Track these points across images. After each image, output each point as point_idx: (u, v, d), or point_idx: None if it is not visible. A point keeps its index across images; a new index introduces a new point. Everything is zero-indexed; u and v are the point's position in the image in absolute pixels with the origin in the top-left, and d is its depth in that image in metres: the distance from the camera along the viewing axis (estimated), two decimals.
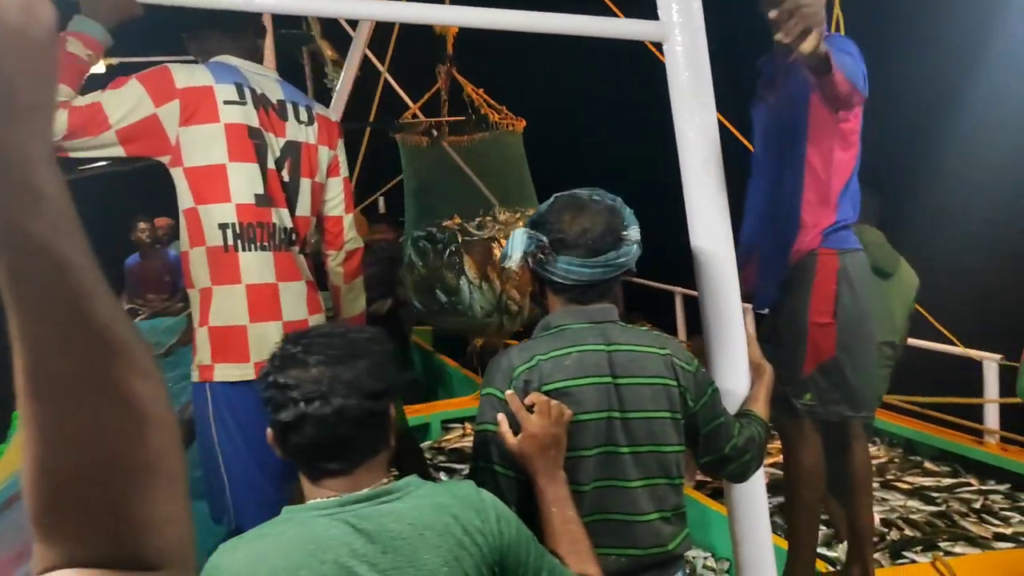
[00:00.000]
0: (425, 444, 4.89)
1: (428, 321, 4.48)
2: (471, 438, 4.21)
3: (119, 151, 2.01)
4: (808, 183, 2.47)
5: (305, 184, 2.26)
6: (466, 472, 1.73)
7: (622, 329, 1.72)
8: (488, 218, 4.40)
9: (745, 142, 3.23)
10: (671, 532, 1.69)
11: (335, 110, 5.15)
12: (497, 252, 4.23)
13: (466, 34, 4.36)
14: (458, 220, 4.38)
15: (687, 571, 1.78)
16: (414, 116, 4.90)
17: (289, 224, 2.20)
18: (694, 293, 5.60)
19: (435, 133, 4.57)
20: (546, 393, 1.61)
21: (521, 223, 4.27)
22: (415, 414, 5.11)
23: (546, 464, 1.57)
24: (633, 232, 1.70)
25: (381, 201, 10.17)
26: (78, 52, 1.93)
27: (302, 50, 6.14)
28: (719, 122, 2.06)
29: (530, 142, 4.69)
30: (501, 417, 1.60)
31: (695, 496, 3.53)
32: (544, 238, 1.68)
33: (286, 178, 2.21)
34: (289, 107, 2.25)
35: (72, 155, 1.98)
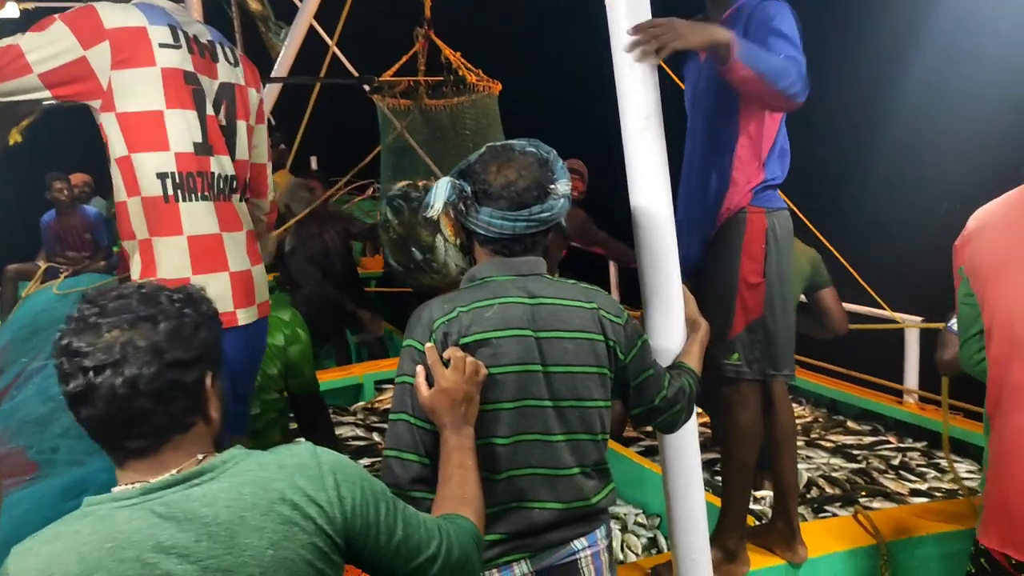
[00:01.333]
0: (358, 405, 4.84)
1: (403, 280, 4.42)
2: None
3: (45, 94, 1.89)
4: (741, 141, 2.44)
5: (241, 127, 2.19)
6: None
7: (548, 282, 1.69)
8: None
9: None
10: (593, 487, 1.69)
11: (282, 68, 5.01)
12: None
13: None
14: (435, 180, 4.32)
15: (611, 526, 1.78)
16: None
17: (230, 171, 2.12)
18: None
19: (419, 92, 4.51)
20: (465, 345, 1.59)
21: None
22: (348, 375, 5.05)
23: (454, 419, 1.54)
24: (562, 186, 1.67)
25: (313, 159, 10.00)
26: None
27: (230, 2, 5.93)
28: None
29: (504, 107, 4.66)
30: (419, 369, 1.57)
31: (628, 454, 3.57)
32: (468, 188, 1.65)
33: (223, 122, 2.12)
34: (219, 48, 2.16)
35: None
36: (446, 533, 1.37)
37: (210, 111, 2.07)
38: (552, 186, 1.65)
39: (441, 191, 1.64)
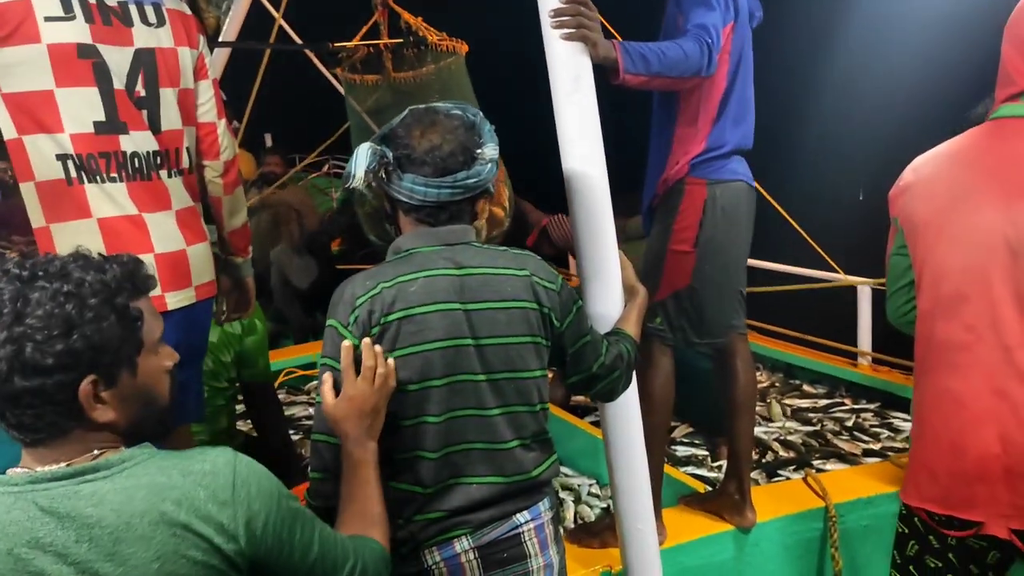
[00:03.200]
0: (312, 384, 4.77)
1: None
2: None
3: None
4: (680, 112, 2.43)
5: (168, 94, 2.01)
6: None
7: (476, 251, 1.63)
8: None
9: None
10: (534, 459, 1.65)
11: (229, 34, 4.86)
12: None
13: None
14: None
15: (556, 498, 1.75)
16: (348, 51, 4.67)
17: (151, 147, 1.96)
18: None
19: (385, 66, 4.40)
20: (388, 322, 1.52)
21: None
22: (302, 354, 4.97)
23: (358, 432, 1.48)
24: (489, 150, 1.61)
25: (268, 136, 9.82)
26: None
27: None
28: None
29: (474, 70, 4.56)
30: (326, 377, 1.52)
31: (582, 425, 3.54)
32: (389, 153, 1.57)
33: (143, 92, 1.96)
34: (133, 9, 1.96)
35: None
36: (360, 555, 1.33)
37: (119, 84, 1.91)
38: (479, 151, 1.60)
39: (361, 158, 1.56)
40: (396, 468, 1.58)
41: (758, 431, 3.67)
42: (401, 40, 4.60)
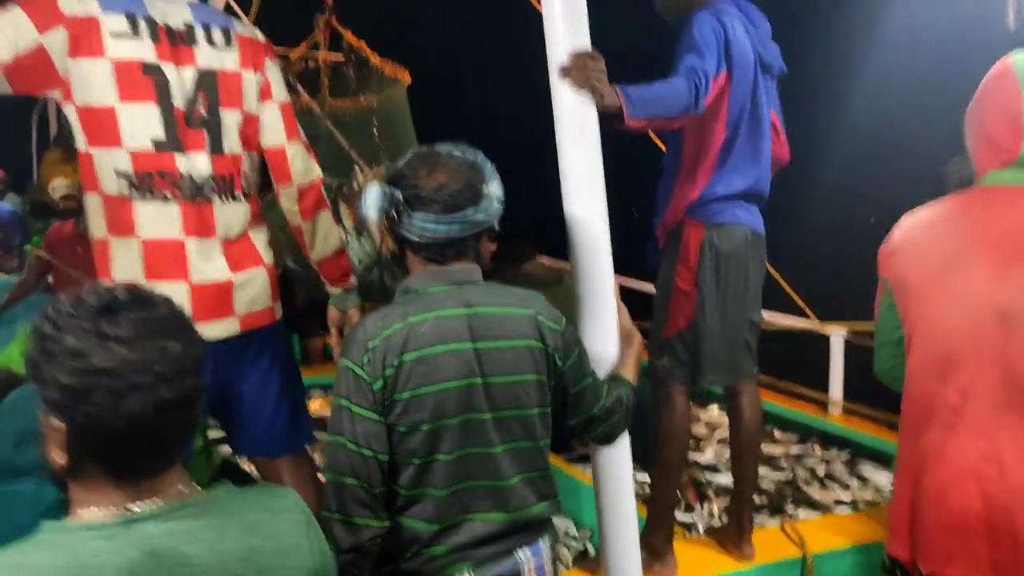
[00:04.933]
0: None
1: (303, 283, 4.24)
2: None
3: (6, 88, 1.78)
4: (682, 159, 2.56)
5: (229, 116, 2.02)
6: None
7: (484, 289, 1.66)
8: (373, 170, 4.27)
9: None
10: (536, 496, 1.67)
11: None
12: None
13: None
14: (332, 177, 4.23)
15: (555, 536, 1.76)
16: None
17: (206, 170, 1.96)
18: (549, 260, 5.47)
19: (322, 86, 4.37)
20: (403, 363, 1.54)
21: None
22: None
23: None
24: (493, 188, 1.65)
25: None
26: None
27: None
28: None
29: (415, 100, 4.56)
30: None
31: (558, 464, 3.54)
32: (398, 193, 1.60)
33: (204, 113, 1.96)
34: (199, 31, 1.98)
35: None
36: None
37: (179, 104, 1.92)
38: (484, 188, 1.63)
39: (372, 199, 1.59)
40: (403, 504, 1.59)
41: (729, 478, 3.70)
42: (342, 57, 4.57)
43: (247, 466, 3.29)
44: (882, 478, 3.76)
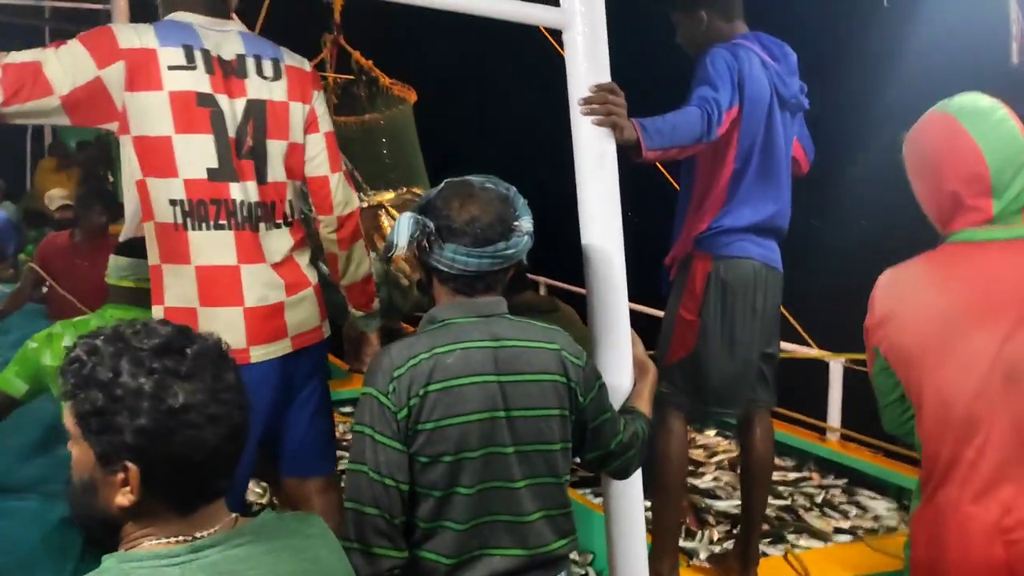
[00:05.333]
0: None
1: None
2: (344, 425, 4.07)
3: (64, 119, 1.84)
4: (693, 192, 2.61)
5: (275, 146, 2.05)
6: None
7: (510, 323, 1.67)
8: (379, 189, 4.29)
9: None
10: (555, 533, 1.66)
11: None
12: (384, 220, 4.09)
13: (355, 4, 4.21)
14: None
15: (571, 571, 1.75)
16: None
17: (255, 198, 2.00)
18: (555, 284, 5.57)
19: (328, 102, 4.40)
20: (428, 393, 1.54)
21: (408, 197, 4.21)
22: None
23: None
24: (525, 223, 1.65)
25: None
26: None
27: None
28: None
29: (422, 120, 4.57)
30: None
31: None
32: (431, 224, 1.60)
33: (251, 143, 2.00)
34: (250, 62, 2.03)
35: (10, 121, 1.78)
36: None
37: (232, 133, 1.96)
38: (516, 223, 1.64)
39: (404, 227, 1.59)
40: (421, 536, 1.58)
41: (728, 503, 3.71)
42: (352, 76, 4.61)
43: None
44: (880, 506, 3.77)
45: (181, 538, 1.14)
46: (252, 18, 4.76)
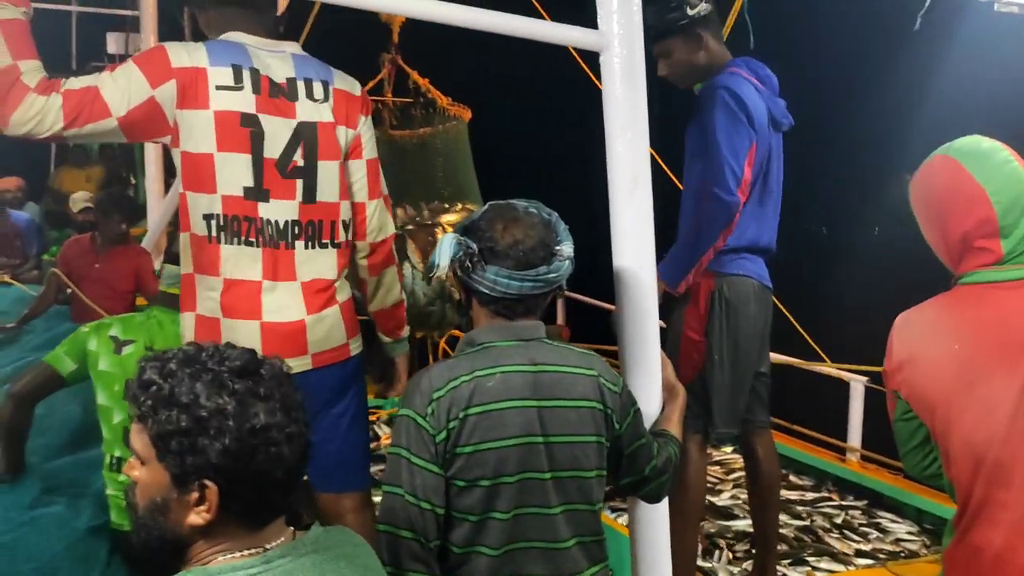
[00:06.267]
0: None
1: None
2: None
3: (120, 138, 1.96)
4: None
5: (327, 167, 2.09)
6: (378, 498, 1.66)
7: (550, 348, 1.66)
8: (433, 205, 4.38)
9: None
10: (588, 560, 1.66)
11: None
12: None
13: (412, 24, 4.27)
14: (402, 210, 4.34)
15: None
16: None
17: (290, 216, 2.03)
18: (576, 296, 5.60)
19: (383, 120, 4.48)
20: (468, 416, 1.54)
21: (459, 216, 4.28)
22: None
23: None
24: (566, 248, 1.65)
25: None
26: (12, 16, 1.80)
27: (183, 11, 5.78)
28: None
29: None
30: None
31: None
32: (474, 245, 1.60)
33: (300, 163, 2.04)
34: (300, 85, 2.06)
35: (71, 143, 1.90)
36: None
37: (271, 154, 2.00)
38: (558, 248, 1.64)
39: (446, 248, 1.60)
40: (455, 562, 1.58)
41: (746, 523, 3.68)
42: (411, 99, 4.68)
43: None
44: (900, 529, 3.74)
45: (254, 550, 1.17)
46: (299, 35, 4.83)
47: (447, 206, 4.48)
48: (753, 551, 3.46)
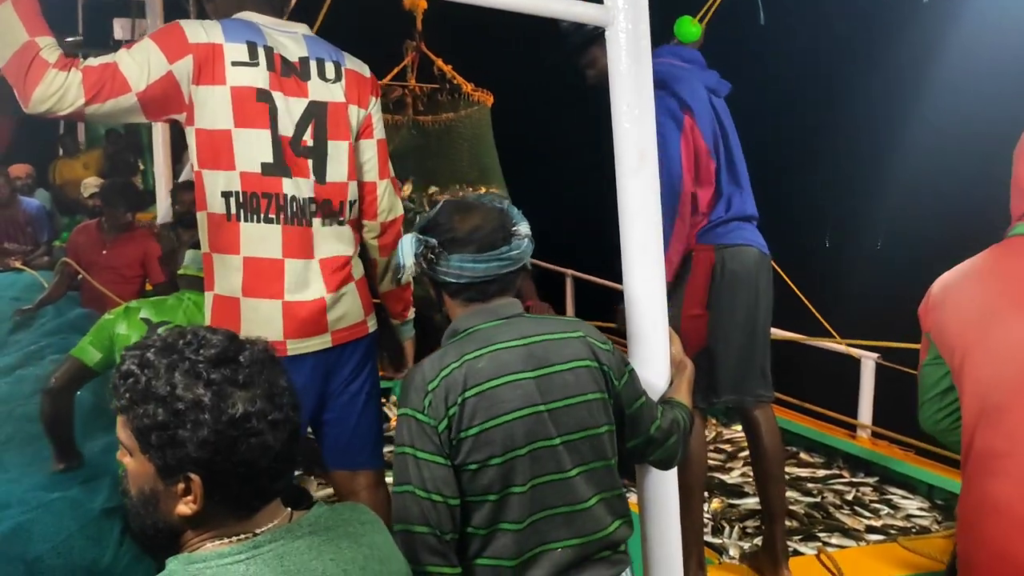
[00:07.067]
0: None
1: None
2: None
3: (140, 116, 1.93)
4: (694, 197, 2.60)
5: (336, 147, 2.09)
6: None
7: (532, 321, 1.69)
8: (457, 187, 4.45)
9: None
10: (611, 515, 1.68)
11: None
12: None
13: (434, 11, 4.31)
14: (430, 191, 4.38)
15: (632, 570, 1.76)
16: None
17: (308, 194, 2.04)
18: (585, 276, 5.65)
19: (407, 105, 4.52)
20: (465, 399, 1.55)
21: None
22: None
23: None
24: (523, 228, 1.70)
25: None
26: None
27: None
28: None
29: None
30: None
31: None
32: (433, 240, 1.65)
33: (310, 142, 2.04)
34: (313, 64, 2.07)
35: (93, 121, 1.89)
36: None
37: (285, 131, 2.00)
38: (515, 228, 1.69)
39: (408, 247, 1.65)
40: (480, 546, 1.59)
41: (755, 501, 3.69)
42: (436, 85, 4.73)
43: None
44: (912, 505, 3.75)
45: (243, 536, 1.16)
46: (314, 21, 4.84)
47: (471, 189, 4.53)
48: (762, 527, 3.47)
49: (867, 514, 3.65)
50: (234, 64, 1.95)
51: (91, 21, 8.29)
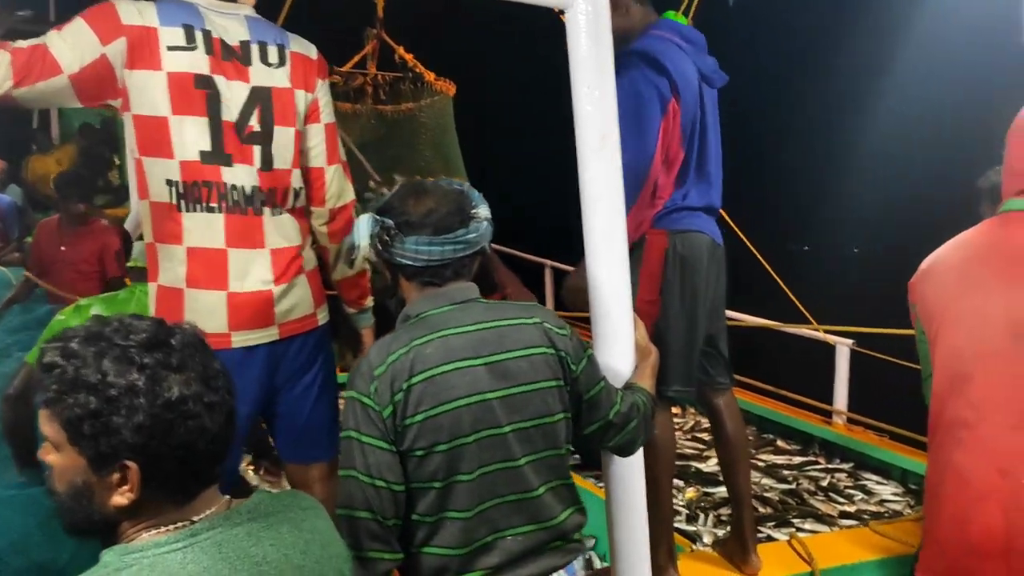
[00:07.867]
0: None
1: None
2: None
3: (74, 100, 1.85)
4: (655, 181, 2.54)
5: (283, 133, 2.03)
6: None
7: (487, 307, 1.66)
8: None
9: None
10: (561, 505, 1.66)
11: None
12: None
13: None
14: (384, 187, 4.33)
15: (587, 557, 1.75)
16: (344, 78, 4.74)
17: (253, 182, 1.98)
18: (564, 267, 5.66)
19: (367, 95, 4.49)
20: (411, 385, 1.53)
21: None
22: None
23: None
24: (483, 210, 1.67)
25: None
26: None
27: None
28: None
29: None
30: None
31: None
32: (389, 221, 1.61)
33: (256, 128, 1.98)
34: (255, 48, 2.00)
35: (25, 105, 1.79)
36: None
37: (229, 117, 1.94)
38: (474, 211, 1.65)
39: (363, 227, 1.62)
40: (426, 535, 1.56)
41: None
42: (399, 73, 4.69)
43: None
44: (885, 490, 3.76)
45: (180, 524, 1.13)
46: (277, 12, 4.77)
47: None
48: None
49: (841, 500, 3.67)
50: (170, 49, 1.88)
51: (64, 8, 8.20)
